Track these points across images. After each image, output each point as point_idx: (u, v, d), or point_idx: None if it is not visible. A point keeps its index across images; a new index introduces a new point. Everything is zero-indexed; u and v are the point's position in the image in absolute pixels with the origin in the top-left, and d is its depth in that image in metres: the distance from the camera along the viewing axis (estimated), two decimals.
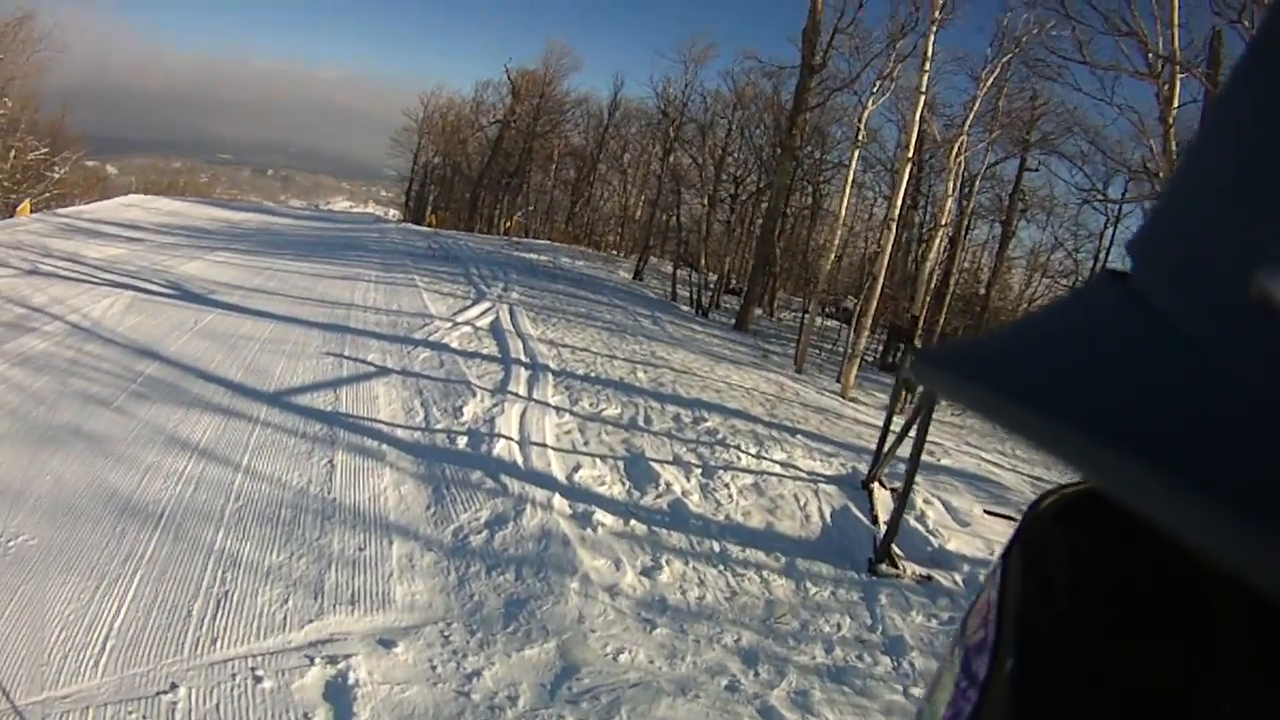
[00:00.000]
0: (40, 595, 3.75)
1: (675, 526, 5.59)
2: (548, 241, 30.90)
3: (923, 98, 13.11)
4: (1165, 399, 0.24)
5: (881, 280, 13.47)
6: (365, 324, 10.25)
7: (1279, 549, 0.19)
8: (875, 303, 13.49)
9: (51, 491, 4.76)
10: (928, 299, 15.70)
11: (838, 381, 14.29)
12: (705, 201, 23.08)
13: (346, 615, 4.00)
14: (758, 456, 7.17)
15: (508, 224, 37.17)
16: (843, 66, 18.05)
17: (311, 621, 3.89)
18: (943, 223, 15.19)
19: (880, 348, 19.89)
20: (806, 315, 15.64)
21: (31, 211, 20.25)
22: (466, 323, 11.07)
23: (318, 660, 3.60)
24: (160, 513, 4.71)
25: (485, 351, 9.40)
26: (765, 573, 5.24)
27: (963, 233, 20.81)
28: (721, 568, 5.20)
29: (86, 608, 3.72)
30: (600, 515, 5.44)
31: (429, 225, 34.44)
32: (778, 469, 7.01)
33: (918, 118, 13.23)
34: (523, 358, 9.29)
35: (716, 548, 5.44)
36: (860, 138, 14.96)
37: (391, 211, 52.67)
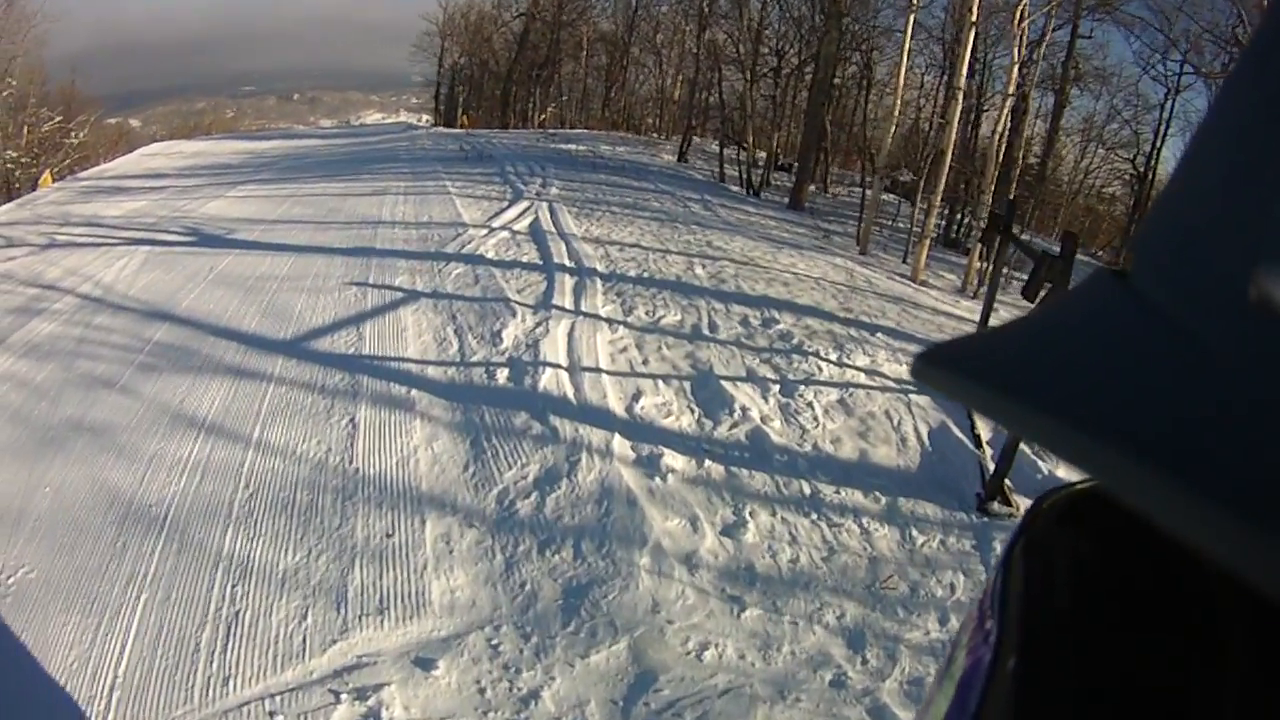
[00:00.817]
0: (43, 640, 3.17)
1: (757, 464, 4.77)
2: (585, 130, 29.57)
3: None
4: (1165, 398, 0.24)
5: (950, 154, 12.17)
6: (393, 242, 9.39)
7: (1278, 549, 0.19)
8: (944, 178, 12.27)
9: (51, 508, 4.10)
10: (996, 172, 14.31)
11: (905, 263, 13.30)
12: (748, 76, 21.44)
13: (375, 629, 3.27)
14: (839, 364, 6.27)
15: (543, 116, 35.75)
16: None
17: (335, 642, 3.18)
18: (1010, 92, 13.71)
19: (943, 223, 18.60)
20: (868, 192, 14.42)
21: (54, 180, 19.52)
22: (503, 227, 10.14)
23: (344, 696, 2.91)
24: (163, 516, 4.03)
25: (525, 259, 8.51)
26: (864, 519, 4.43)
27: (1028, 102, 19.14)
28: (814, 517, 4.40)
29: (89, 651, 3.12)
30: (669, 458, 4.63)
31: (461, 127, 33.24)
32: (863, 378, 6.13)
33: None
34: (567, 262, 8.39)
35: (806, 489, 4.63)
36: (915, 2, 13.38)
37: (424, 117, 51.28)
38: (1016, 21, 12.41)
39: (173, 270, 8.37)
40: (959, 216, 19.67)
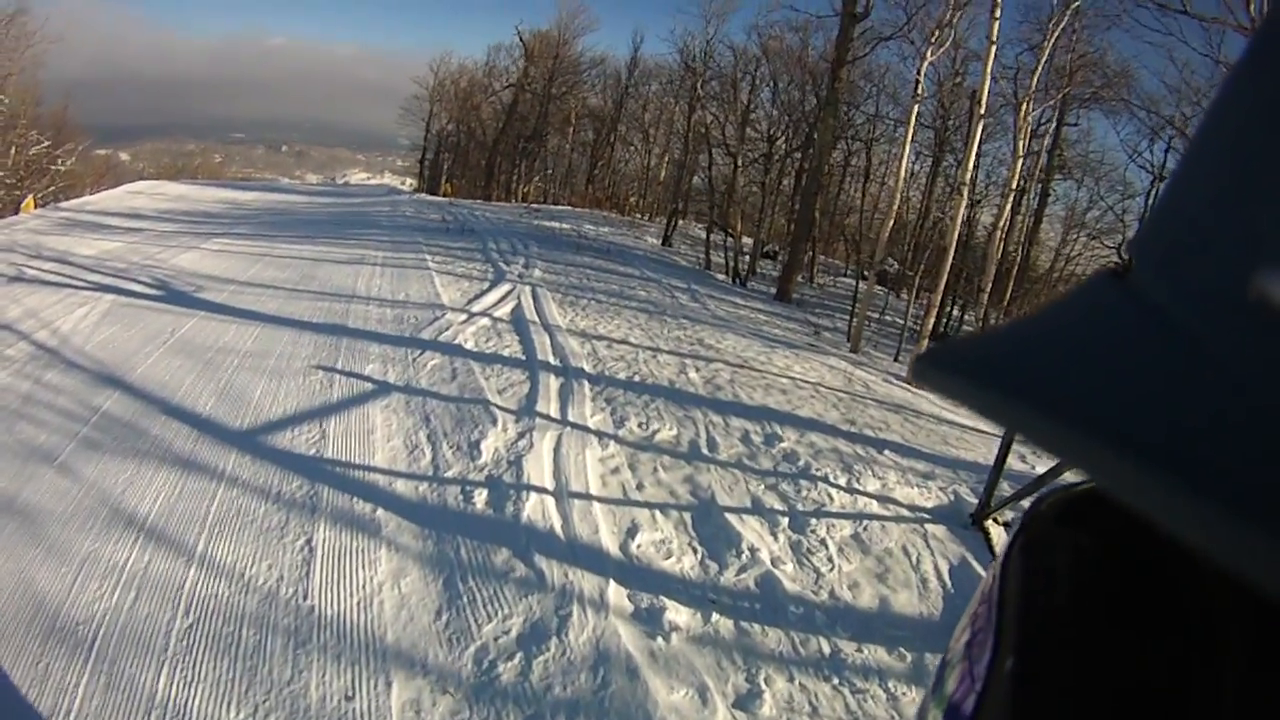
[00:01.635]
0: None
1: (769, 618, 4.17)
2: (569, 207, 29.45)
3: (993, 48, 11.44)
4: (1165, 398, 0.24)
5: (952, 252, 11.82)
6: (366, 321, 8.83)
7: (1278, 549, 0.19)
8: (946, 277, 11.92)
9: None
10: (994, 269, 14.02)
11: (897, 361, 12.90)
12: (738, 161, 21.27)
13: None
14: (849, 490, 5.73)
15: (526, 189, 35.73)
16: (883, 15, 16.66)
17: None
18: (1013, 187, 13.48)
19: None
20: (861, 284, 14.05)
21: (36, 206, 19.93)
22: (484, 313, 9.61)
23: None
24: (92, 638, 3.44)
25: (506, 353, 7.95)
26: (890, 682, 3.83)
27: (1027, 197, 19.11)
28: (836, 681, 3.79)
29: None
30: (672, 611, 4.02)
31: (444, 195, 33.28)
32: (875, 506, 5.59)
33: (988, 70, 11.55)
34: (551, 359, 7.84)
35: (826, 648, 4.03)
36: (919, 92, 13.16)
37: (408, 181, 51.51)
38: (1022, 114, 12.21)
39: (133, 327, 7.96)
40: (949, 310, 19.44)
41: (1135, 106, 18.23)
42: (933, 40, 12.72)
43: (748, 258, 19.19)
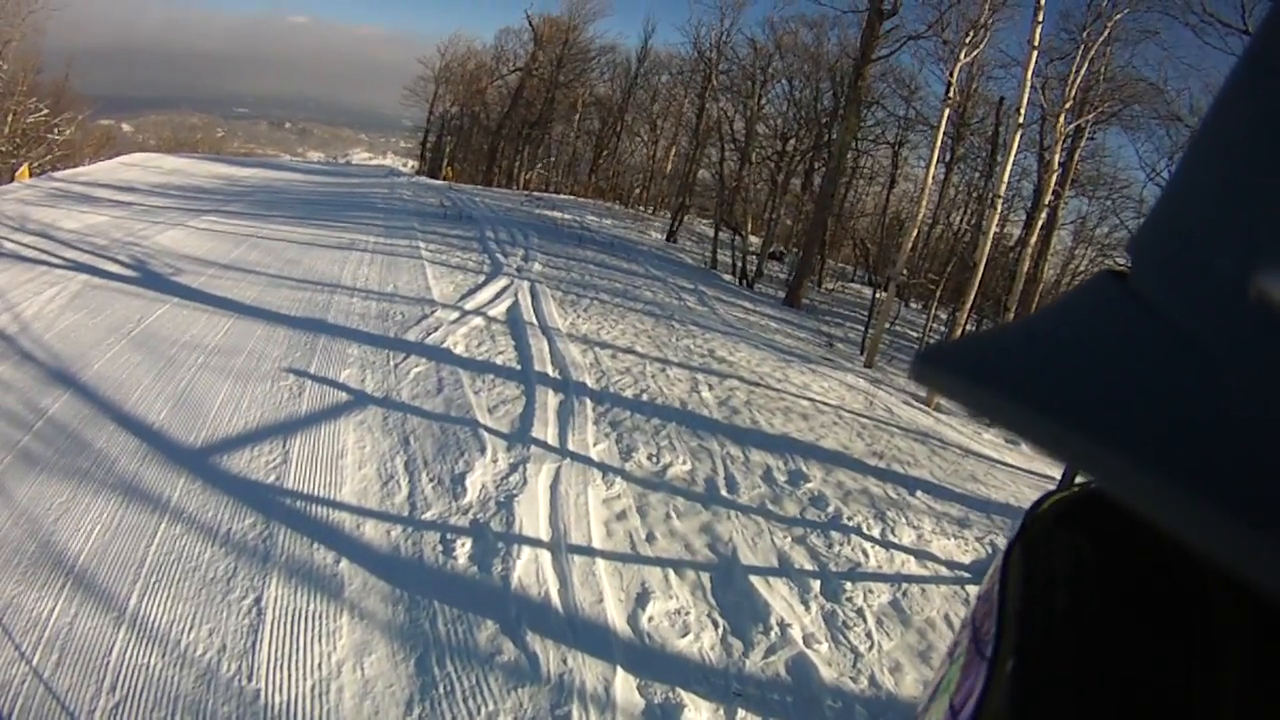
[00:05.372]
0: None
1: (804, 713, 3.47)
2: (571, 197, 28.76)
3: (1034, 53, 10.68)
4: (1165, 399, 0.24)
5: (982, 267, 11.05)
6: (348, 317, 8.09)
7: (1278, 550, 0.19)
8: (974, 293, 11.17)
9: None
10: (1021, 286, 13.33)
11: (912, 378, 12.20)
12: (750, 159, 20.48)
13: None
14: (884, 543, 5.04)
15: (528, 176, 34.95)
16: (912, 14, 16.01)
17: None
18: (1045, 201, 12.77)
19: (945, 330, 17.71)
20: (880, 294, 13.33)
21: (31, 175, 19.66)
22: (477, 311, 8.86)
23: None
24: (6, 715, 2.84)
25: (500, 360, 7.20)
26: None
27: (1059, 212, 18.46)
28: None
29: None
30: (691, 709, 3.31)
31: (444, 179, 32.61)
32: (913, 564, 4.91)
33: (1029, 76, 10.78)
34: (550, 370, 7.10)
35: None
36: (950, 94, 12.35)
37: (410, 163, 50.99)
38: (1059, 127, 11.48)
39: (99, 314, 7.38)
40: (966, 325, 18.88)
41: (1169, 121, 17.58)
42: (967, 41, 11.97)
43: (755, 258, 18.45)
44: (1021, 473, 7.51)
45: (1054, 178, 12.66)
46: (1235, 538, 0.19)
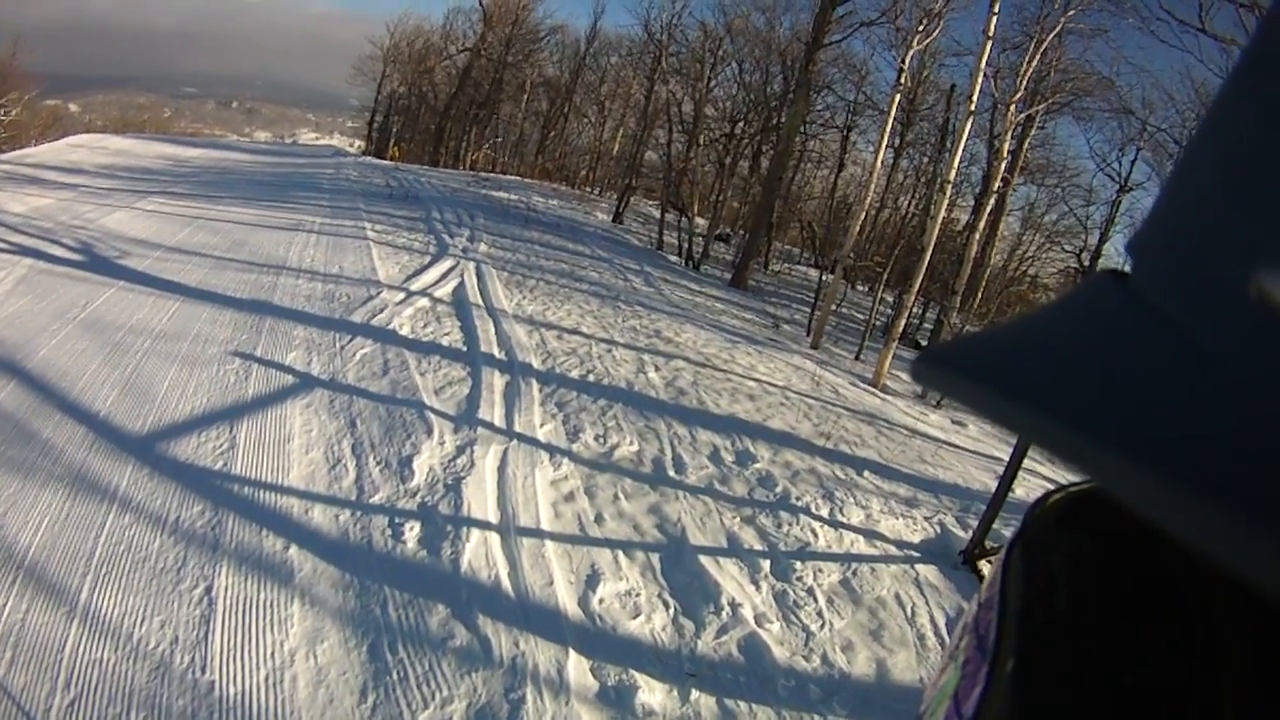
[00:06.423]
0: None
1: (758, 694, 3.51)
2: (518, 178, 28.44)
3: (989, 42, 10.84)
4: (1165, 399, 0.24)
5: (930, 252, 11.19)
6: (294, 298, 7.94)
7: (1279, 549, 0.19)
8: (921, 278, 11.33)
9: None
10: (968, 270, 13.55)
11: (858, 359, 12.37)
12: (699, 141, 20.47)
13: None
14: (833, 523, 5.11)
15: (475, 156, 34.55)
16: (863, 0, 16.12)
17: None
18: (994, 189, 12.96)
19: (891, 316, 18.03)
20: (826, 276, 13.45)
21: None
22: (423, 292, 8.77)
23: None
24: None
25: (445, 341, 7.14)
26: None
27: (1007, 199, 18.78)
28: None
29: None
30: (645, 691, 3.33)
31: (391, 159, 32.20)
32: (862, 543, 4.99)
33: (982, 65, 10.94)
34: (496, 351, 7.06)
35: None
36: (903, 80, 12.48)
37: (356, 143, 50.30)
38: (1009, 116, 11.65)
39: (45, 299, 7.09)
40: (913, 309, 19.21)
41: (1120, 113, 17.96)
42: (920, 29, 12.08)
43: (701, 240, 18.48)
44: (968, 453, 7.66)
45: (1003, 165, 12.87)
46: (1235, 538, 0.20)
